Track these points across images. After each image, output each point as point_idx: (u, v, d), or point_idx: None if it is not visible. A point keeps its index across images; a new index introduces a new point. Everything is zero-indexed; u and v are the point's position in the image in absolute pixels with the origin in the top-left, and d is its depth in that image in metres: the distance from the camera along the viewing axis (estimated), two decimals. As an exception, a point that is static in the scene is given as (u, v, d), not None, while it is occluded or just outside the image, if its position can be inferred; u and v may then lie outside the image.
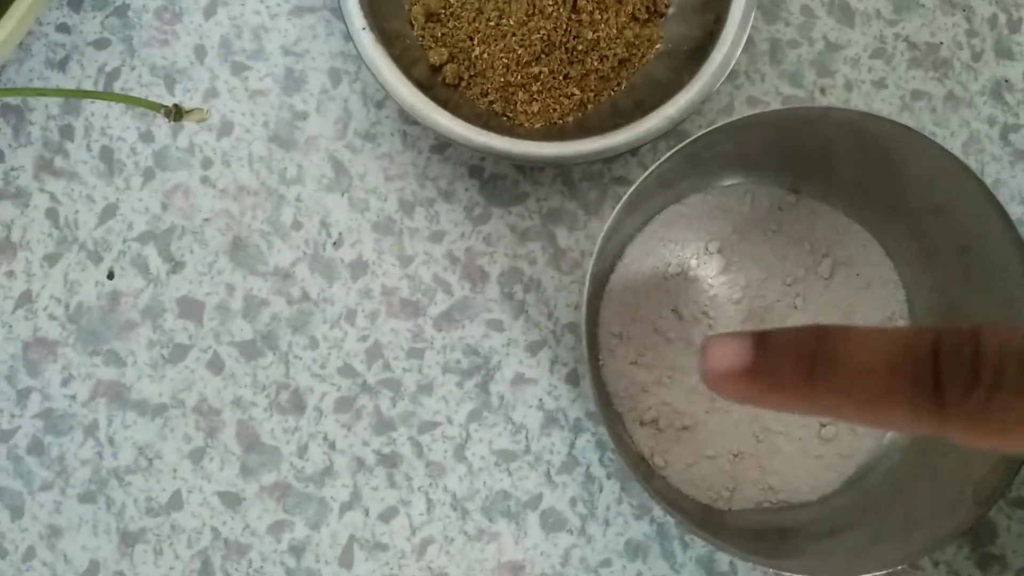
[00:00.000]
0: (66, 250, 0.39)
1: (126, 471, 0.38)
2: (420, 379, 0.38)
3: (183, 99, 0.40)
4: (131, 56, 0.40)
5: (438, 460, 0.38)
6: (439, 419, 0.38)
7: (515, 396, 0.39)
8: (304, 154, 0.40)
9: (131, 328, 0.38)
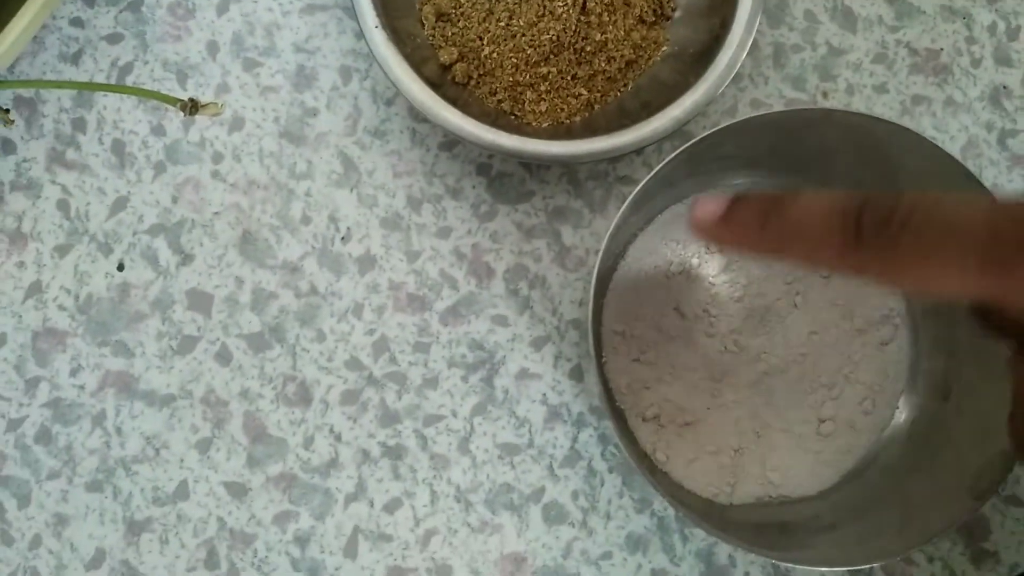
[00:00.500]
0: (77, 241, 0.39)
1: (133, 461, 0.38)
2: (426, 373, 0.39)
3: (195, 94, 0.40)
4: (144, 51, 0.40)
5: (442, 453, 0.39)
6: (444, 412, 0.39)
7: (519, 391, 0.39)
8: (314, 150, 0.40)
9: (140, 319, 0.39)
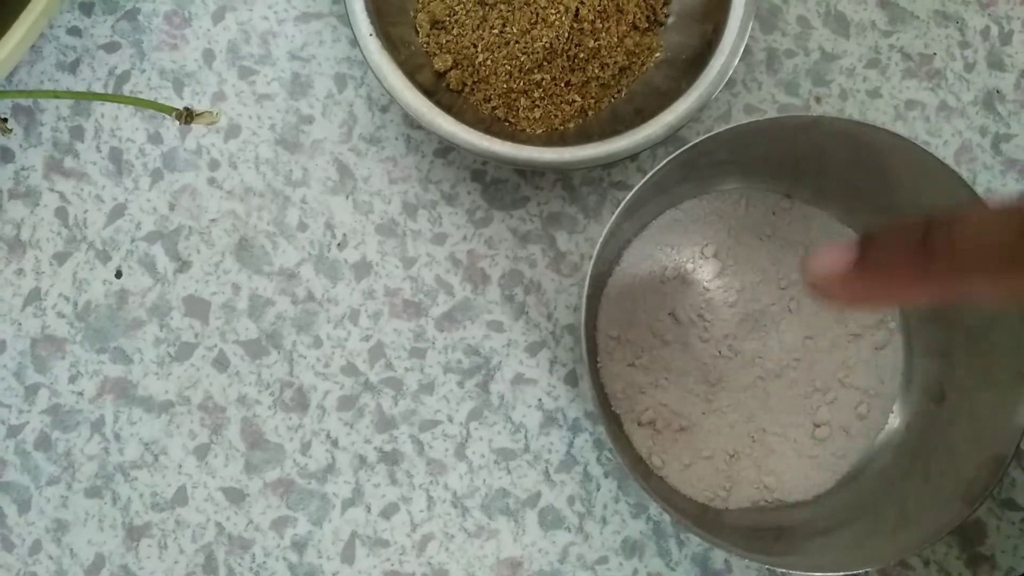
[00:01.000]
0: (75, 249, 0.40)
1: (132, 467, 0.38)
2: (422, 378, 0.39)
3: (191, 102, 0.40)
4: (141, 59, 0.41)
5: (439, 458, 0.39)
6: (440, 418, 0.39)
7: (515, 396, 0.39)
8: (309, 157, 0.40)
9: (138, 326, 0.39)
